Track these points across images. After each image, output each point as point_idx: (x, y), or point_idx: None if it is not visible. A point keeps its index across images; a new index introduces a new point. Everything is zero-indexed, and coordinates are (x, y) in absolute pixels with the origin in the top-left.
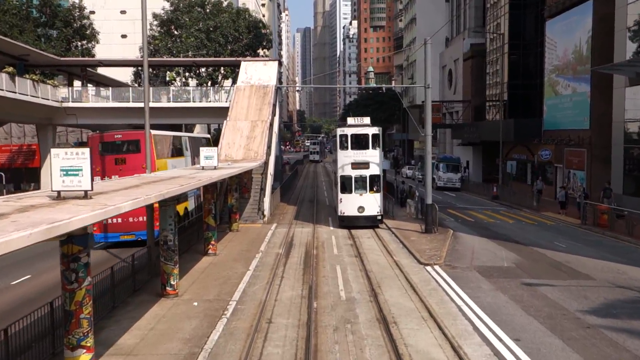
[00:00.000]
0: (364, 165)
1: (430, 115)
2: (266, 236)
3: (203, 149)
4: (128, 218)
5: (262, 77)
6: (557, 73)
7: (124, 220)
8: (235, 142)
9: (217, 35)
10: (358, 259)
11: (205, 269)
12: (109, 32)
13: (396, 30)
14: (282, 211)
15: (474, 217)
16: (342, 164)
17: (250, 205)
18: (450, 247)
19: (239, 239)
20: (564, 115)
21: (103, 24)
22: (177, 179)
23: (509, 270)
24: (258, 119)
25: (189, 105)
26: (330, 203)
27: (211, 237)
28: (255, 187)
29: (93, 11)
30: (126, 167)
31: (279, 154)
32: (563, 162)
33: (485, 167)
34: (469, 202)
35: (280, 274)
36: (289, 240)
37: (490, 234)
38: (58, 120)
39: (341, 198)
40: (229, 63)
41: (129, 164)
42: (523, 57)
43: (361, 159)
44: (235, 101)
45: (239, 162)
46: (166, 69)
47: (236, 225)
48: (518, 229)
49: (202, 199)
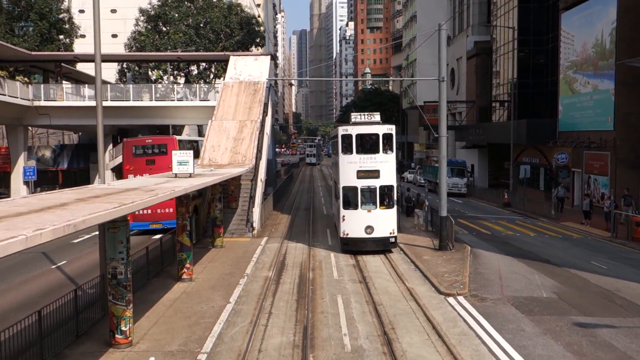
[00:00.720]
0: (373, 174)
1: (445, 114)
2: (254, 254)
3: (175, 152)
4: (157, 210)
5: (252, 72)
6: (574, 69)
7: (154, 212)
8: (221, 145)
9: (207, 32)
10: (363, 285)
11: (174, 302)
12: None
13: (394, 31)
14: (275, 221)
15: (489, 228)
16: (345, 172)
17: (238, 217)
18: (472, 270)
19: (222, 258)
20: (583, 115)
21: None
22: (130, 192)
23: (552, 304)
24: (247, 119)
25: (175, 104)
26: (327, 212)
27: (185, 259)
28: (243, 195)
29: (83, 10)
30: (155, 167)
31: (272, 158)
32: (582, 167)
33: (491, 171)
34: (479, 210)
35: (268, 308)
36: (280, 258)
37: (513, 250)
38: (29, 120)
39: (344, 215)
40: (217, 58)
41: (157, 165)
42: (533, 54)
43: (369, 166)
44: (222, 99)
45: (224, 168)
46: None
47: (220, 241)
48: (542, 243)
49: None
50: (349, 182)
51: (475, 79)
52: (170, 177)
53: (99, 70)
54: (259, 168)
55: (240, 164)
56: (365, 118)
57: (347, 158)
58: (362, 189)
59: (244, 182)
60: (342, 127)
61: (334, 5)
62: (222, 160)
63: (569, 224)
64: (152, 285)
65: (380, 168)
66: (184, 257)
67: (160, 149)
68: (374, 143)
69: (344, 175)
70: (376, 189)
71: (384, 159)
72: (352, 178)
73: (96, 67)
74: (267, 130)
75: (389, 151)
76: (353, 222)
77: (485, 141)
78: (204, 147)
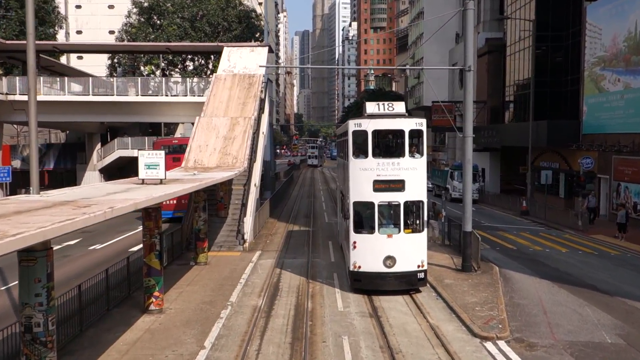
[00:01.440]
0: (395, 185)
1: (472, 110)
2: (244, 273)
3: (143, 153)
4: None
5: (248, 65)
6: (602, 66)
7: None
8: (209, 144)
9: (202, 24)
10: (374, 320)
11: (133, 345)
12: (96, 28)
13: (398, 30)
14: (270, 231)
15: (513, 241)
16: (358, 182)
17: (227, 227)
18: (508, 299)
19: (205, 279)
20: (612, 116)
21: (90, 19)
22: (57, 207)
23: (621, 354)
24: (240, 115)
25: (165, 100)
26: (329, 219)
27: (154, 286)
28: (235, 202)
29: (79, 5)
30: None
31: (270, 159)
32: (610, 173)
33: (504, 175)
34: (495, 219)
35: (254, 357)
36: (274, 280)
37: (549, 272)
38: (3, 116)
39: (355, 242)
40: (210, 49)
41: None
42: (551, 50)
43: (391, 174)
44: (212, 93)
45: (211, 171)
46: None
47: (204, 257)
48: (580, 262)
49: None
50: (363, 196)
51: (486, 78)
52: (137, 183)
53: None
54: (252, 171)
55: (230, 167)
56: (385, 109)
57: (360, 163)
58: (381, 205)
59: (235, 188)
60: (355, 120)
61: (337, 6)
62: (210, 162)
63: (600, 237)
64: (111, 318)
65: (406, 177)
66: (151, 284)
67: (183, 148)
68: (397, 143)
69: (355, 186)
70: (400, 205)
71: (410, 165)
72: (367, 190)
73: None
74: (263, 129)
75: (417, 154)
76: (367, 251)
77: (500, 144)
78: (189, 147)
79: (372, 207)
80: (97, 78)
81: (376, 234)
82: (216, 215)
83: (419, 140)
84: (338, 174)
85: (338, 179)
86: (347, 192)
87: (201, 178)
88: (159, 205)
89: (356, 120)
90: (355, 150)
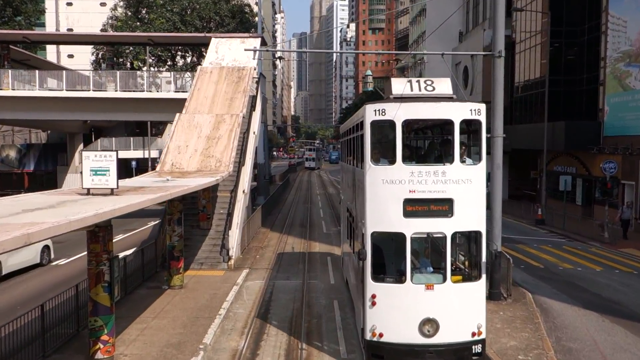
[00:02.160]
0: (439, 207)
1: (502, 105)
2: (225, 300)
3: (88, 154)
4: None
5: (238, 57)
6: (627, 61)
7: None
8: (190, 145)
9: (193, 18)
10: None
11: None
12: (87, 26)
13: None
14: (261, 243)
15: (536, 257)
16: (379, 202)
17: (211, 240)
18: (555, 342)
19: (176, 310)
20: (638, 117)
21: (81, 16)
22: None
23: None
24: (227, 112)
25: (150, 96)
26: (327, 230)
27: (101, 327)
28: (220, 211)
29: (70, 3)
30: None
31: (264, 162)
32: (637, 179)
33: (512, 180)
34: (509, 229)
35: None
36: (262, 309)
37: (592, 300)
38: None
39: (374, 294)
40: (196, 41)
41: None
42: (565, 47)
43: (433, 190)
44: (196, 87)
45: (190, 176)
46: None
47: (179, 279)
48: (623, 285)
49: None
50: (387, 223)
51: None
52: (81, 194)
53: None
54: (241, 176)
55: (213, 171)
56: (421, 88)
57: (383, 172)
58: (416, 239)
59: (221, 195)
60: (375, 105)
61: (335, 7)
62: (190, 165)
63: (630, 251)
64: None
65: (456, 195)
66: (98, 325)
67: None
68: (442, 141)
69: (375, 208)
70: (445, 239)
71: (463, 175)
72: (395, 215)
73: None
74: (254, 129)
75: (472, 159)
76: (394, 310)
77: (509, 146)
78: (166, 147)
79: (403, 242)
80: (73, 72)
81: (408, 283)
82: (198, 227)
83: (475, 136)
84: (343, 185)
85: (343, 191)
86: (360, 216)
87: (173, 186)
88: (109, 223)
89: (377, 105)
90: (375, 153)
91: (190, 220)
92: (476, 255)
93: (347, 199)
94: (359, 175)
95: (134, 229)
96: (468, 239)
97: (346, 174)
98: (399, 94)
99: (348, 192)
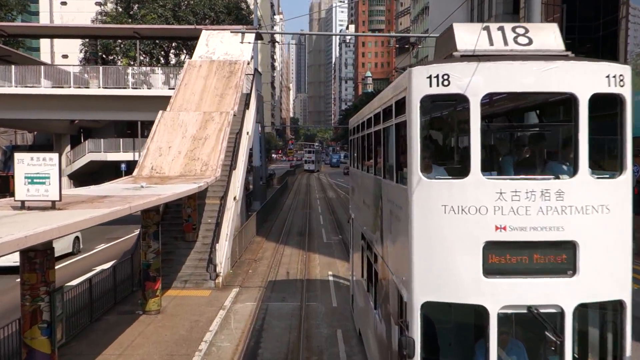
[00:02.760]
0: (548, 256)
1: None
2: (208, 330)
3: (22, 157)
4: None
5: (230, 51)
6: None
7: None
8: (173, 146)
9: (186, 14)
10: None
11: None
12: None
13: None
14: (255, 255)
15: None
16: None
17: (196, 254)
18: None
19: (148, 344)
20: None
21: (76, 15)
22: None
23: None
24: (216, 110)
25: (137, 93)
26: (328, 239)
27: None
28: (207, 220)
29: (65, 2)
30: None
31: (261, 165)
32: None
33: None
34: None
35: None
36: (251, 344)
37: None
38: None
39: None
40: (186, 34)
41: None
42: (578, 44)
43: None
44: (183, 82)
45: (171, 181)
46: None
47: (155, 302)
48: None
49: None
50: (453, 287)
51: None
52: (14, 207)
53: None
54: (231, 182)
55: (198, 176)
56: (507, 40)
57: (443, 191)
58: (508, 316)
59: (209, 202)
60: (425, 68)
61: (334, 9)
62: (172, 169)
63: None
64: None
65: (579, 233)
66: None
67: None
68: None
69: (428, 256)
70: (563, 316)
71: (592, 198)
72: (466, 271)
73: None
74: (248, 129)
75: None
76: None
77: None
78: (146, 149)
79: (485, 322)
80: (53, 67)
81: None
82: (182, 239)
83: (618, 124)
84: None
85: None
86: (393, 266)
87: (142, 195)
88: (49, 245)
89: (433, 68)
90: (427, 154)
91: (173, 231)
92: (618, 339)
93: (363, 223)
94: (394, 196)
95: (118, 237)
96: (604, 313)
97: (361, 187)
98: (469, 49)
99: (365, 214)
